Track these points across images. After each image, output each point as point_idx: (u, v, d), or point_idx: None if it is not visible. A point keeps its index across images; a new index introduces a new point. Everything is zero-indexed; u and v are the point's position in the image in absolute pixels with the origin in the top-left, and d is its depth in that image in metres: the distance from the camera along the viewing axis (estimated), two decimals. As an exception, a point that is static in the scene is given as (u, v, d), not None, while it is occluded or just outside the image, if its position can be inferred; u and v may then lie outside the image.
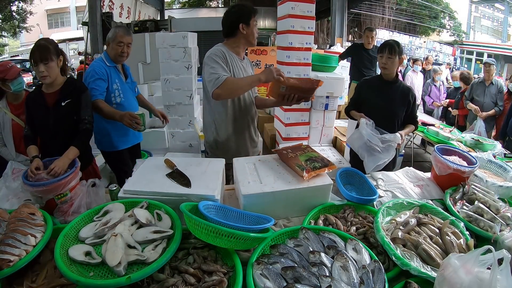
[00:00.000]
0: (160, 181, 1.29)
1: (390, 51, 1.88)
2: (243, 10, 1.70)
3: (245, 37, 1.72)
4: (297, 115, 3.07)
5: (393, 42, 1.92)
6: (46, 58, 1.53)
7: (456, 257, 0.87)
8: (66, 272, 0.86)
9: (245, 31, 1.69)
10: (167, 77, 2.89)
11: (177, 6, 17.97)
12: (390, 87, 1.99)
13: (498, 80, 3.95)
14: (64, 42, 17.70)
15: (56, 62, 1.59)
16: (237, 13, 1.70)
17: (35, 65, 1.54)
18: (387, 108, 1.98)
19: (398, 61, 1.91)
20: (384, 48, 1.90)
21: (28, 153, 1.55)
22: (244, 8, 1.71)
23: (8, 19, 14.31)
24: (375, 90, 2.02)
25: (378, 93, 2.00)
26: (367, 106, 2.02)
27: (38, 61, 1.53)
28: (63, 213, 1.27)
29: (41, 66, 1.53)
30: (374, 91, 2.02)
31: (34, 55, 1.53)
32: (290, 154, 1.48)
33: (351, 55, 4.25)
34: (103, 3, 6.57)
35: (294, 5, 2.71)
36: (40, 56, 1.53)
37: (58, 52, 1.62)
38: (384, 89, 2.00)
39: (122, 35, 1.97)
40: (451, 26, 18.99)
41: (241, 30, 1.69)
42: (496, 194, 1.43)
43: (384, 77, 2.00)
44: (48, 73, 1.56)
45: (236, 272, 0.93)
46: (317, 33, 15.39)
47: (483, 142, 2.66)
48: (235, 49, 1.77)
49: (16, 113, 1.95)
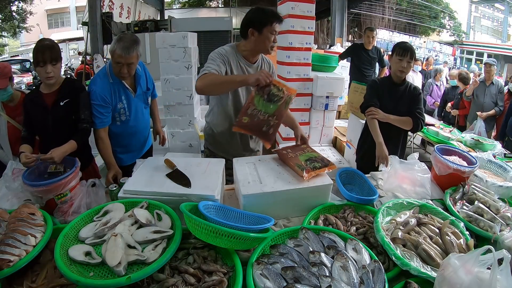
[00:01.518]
0: (160, 181, 1.29)
1: (412, 56, 1.87)
2: (257, 14, 1.57)
3: (254, 43, 1.60)
4: (297, 115, 3.06)
5: (412, 46, 1.92)
6: (56, 58, 1.52)
7: (456, 257, 0.87)
8: (66, 272, 0.86)
9: (255, 37, 1.57)
10: (167, 77, 2.89)
11: (177, 6, 17.96)
12: (399, 88, 2.01)
13: (499, 80, 3.96)
14: (64, 42, 17.70)
15: (61, 63, 1.59)
16: (251, 17, 1.59)
17: (42, 65, 1.50)
18: (395, 109, 1.99)
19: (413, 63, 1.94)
20: (406, 52, 1.86)
21: (19, 149, 1.53)
22: (260, 13, 1.57)
23: (8, 19, 14.31)
24: (385, 91, 2.03)
25: (387, 95, 2.02)
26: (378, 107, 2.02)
27: (47, 61, 1.50)
28: (63, 213, 1.27)
29: (49, 67, 1.51)
30: (384, 93, 2.03)
31: (43, 55, 1.49)
32: (290, 154, 1.48)
33: (351, 55, 4.25)
34: (103, 3, 6.57)
35: (294, 5, 2.72)
36: (51, 56, 1.51)
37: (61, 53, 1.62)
38: (393, 90, 2.02)
39: (119, 54, 1.64)
40: (451, 26, 18.99)
41: (250, 36, 1.58)
42: (496, 194, 1.43)
43: (395, 79, 2.01)
44: (55, 73, 1.56)
45: (236, 272, 0.93)
46: (317, 33, 15.37)
47: (483, 142, 2.66)
48: (244, 52, 1.67)
49: (12, 115, 1.91)
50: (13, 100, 1.92)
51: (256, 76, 1.39)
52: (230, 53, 1.64)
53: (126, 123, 1.89)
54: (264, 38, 1.56)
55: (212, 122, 1.83)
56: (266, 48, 1.60)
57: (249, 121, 1.38)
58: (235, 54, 1.65)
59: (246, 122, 1.37)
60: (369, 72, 4.13)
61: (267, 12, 1.57)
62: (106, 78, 1.77)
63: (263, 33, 1.55)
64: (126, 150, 1.97)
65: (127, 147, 1.98)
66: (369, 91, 2.10)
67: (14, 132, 1.91)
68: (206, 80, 1.47)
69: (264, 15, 1.55)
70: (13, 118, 1.91)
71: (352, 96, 3.26)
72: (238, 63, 1.66)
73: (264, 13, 1.56)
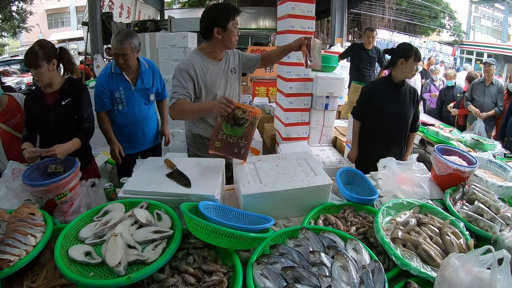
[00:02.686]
0: (160, 181, 1.29)
1: (420, 59, 1.98)
2: (219, 12, 1.55)
3: (221, 41, 1.59)
4: (297, 115, 3.07)
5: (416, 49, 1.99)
6: (34, 64, 1.55)
7: (456, 257, 0.87)
8: (66, 272, 0.86)
9: (221, 35, 1.56)
10: (167, 77, 2.89)
11: (177, 6, 17.94)
12: (399, 89, 2.04)
13: (498, 80, 3.95)
14: (64, 42, 17.68)
15: (46, 67, 1.58)
16: (213, 16, 1.56)
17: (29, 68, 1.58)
18: (398, 110, 2.03)
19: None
20: (420, 57, 1.98)
21: (21, 147, 1.54)
22: (221, 9, 1.56)
23: (8, 19, 14.30)
24: (384, 93, 2.05)
25: (387, 96, 2.04)
26: (377, 109, 2.06)
27: (30, 66, 1.57)
28: (63, 213, 1.27)
29: (32, 71, 1.57)
30: (383, 94, 2.05)
31: (26, 61, 1.57)
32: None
33: (351, 55, 4.25)
34: (103, 3, 6.56)
35: (294, 5, 2.71)
36: (28, 62, 1.56)
37: (50, 56, 1.59)
38: (393, 91, 2.04)
39: (115, 45, 1.87)
40: (451, 26, 18.97)
41: (216, 35, 1.56)
42: (496, 194, 1.43)
43: (394, 79, 2.04)
44: (39, 77, 1.58)
45: (236, 272, 0.93)
46: (317, 33, 15.38)
47: (483, 142, 2.66)
48: (211, 54, 1.66)
49: (3, 120, 1.86)
50: (1, 104, 1.88)
51: (217, 108, 1.37)
52: (195, 58, 1.62)
53: (124, 113, 2.06)
54: (229, 33, 1.57)
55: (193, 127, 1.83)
56: (232, 43, 1.61)
57: (220, 146, 1.44)
58: (200, 57, 1.64)
59: (218, 146, 1.44)
60: (369, 72, 4.13)
61: (227, 7, 1.57)
62: (109, 69, 2.00)
63: (228, 29, 1.55)
64: (124, 140, 2.13)
65: (125, 137, 2.13)
66: (361, 97, 2.16)
67: (6, 136, 1.87)
68: (177, 110, 1.53)
69: (225, 11, 1.55)
70: (3, 123, 1.86)
71: (352, 96, 3.27)
72: (211, 67, 1.66)
73: (224, 8, 1.56)
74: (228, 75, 1.75)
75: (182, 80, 1.57)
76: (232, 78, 1.77)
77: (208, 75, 1.64)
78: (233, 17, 1.55)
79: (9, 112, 1.88)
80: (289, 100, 2.97)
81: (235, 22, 1.57)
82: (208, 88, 1.65)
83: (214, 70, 1.67)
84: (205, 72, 1.63)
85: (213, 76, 1.67)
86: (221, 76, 1.71)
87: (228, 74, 1.74)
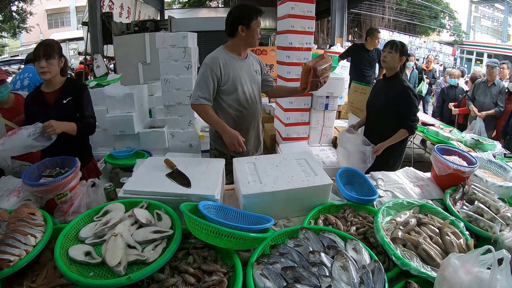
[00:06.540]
0: (160, 181, 1.29)
1: (392, 47, 2.05)
2: (244, 11, 1.69)
3: (244, 39, 1.73)
4: (297, 115, 3.06)
5: (397, 41, 2.09)
6: (49, 54, 1.58)
7: (456, 257, 0.87)
8: (66, 272, 0.86)
9: (245, 33, 1.70)
10: (167, 77, 2.88)
11: (177, 6, 17.93)
12: (388, 86, 2.10)
13: (500, 81, 3.96)
14: (64, 42, 17.64)
15: (57, 61, 1.63)
16: (238, 14, 1.70)
17: (37, 60, 1.57)
18: (379, 107, 2.11)
19: (399, 58, 2.03)
20: (387, 45, 2.09)
21: None
22: (246, 9, 1.70)
23: (8, 19, 14.27)
24: (376, 89, 2.14)
25: (376, 93, 2.12)
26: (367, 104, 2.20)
27: (41, 56, 1.57)
28: (63, 213, 1.27)
29: (43, 62, 1.57)
30: (374, 91, 2.13)
31: (37, 51, 1.57)
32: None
33: (351, 55, 4.24)
34: (103, 3, 6.55)
35: (294, 5, 2.71)
36: (44, 51, 1.57)
37: (61, 53, 1.66)
38: (383, 88, 2.12)
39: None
40: (451, 26, 18.97)
41: (240, 32, 1.70)
42: (496, 194, 1.43)
43: (386, 73, 2.13)
44: (49, 69, 1.59)
45: (236, 272, 0.94)
46: (317, 33, 15.37)
47: (483, 142, 2.66)
48: (236, 50, 1.80)
49: (9, 117, 1.89)
50: (8, 102, 1.93)
51: (229, 140, 1.66)
52: (220, 54, 1.75)
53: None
54: (252, 31, 1.71)
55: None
56: (255, 41, 1.75)
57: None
58: (224, 53, 1.77)
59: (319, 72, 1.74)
60: (369, 73, 4.12)
61: (251, 7, 1.70)
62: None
63: (251, 27, 1.69)
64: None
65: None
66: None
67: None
68: (199, 111, 1.75)
69: (249, 11, 1.69)
70: (10, 120, 1.88)
71: (352, 96, 3.26)
72: (236, 63, 1.78)
73: (249, 8, 1.70)
74: (253, 75, 1.87)
75: (207, 80, 1.70)
76: (257, 79, 1.91)
77: (232, 69, 1.76)
78: (256, 16, 1.70)
79: (15, 110, 1.91)
80: (289, 100, 2.97)
81: (258, 22, 1.71)
82: (231, 80, 1.76)
83: (237, 65, 1.79)
84: (229, 65, 1.75)
85: (236, 69, 1.78)
86: (245, 72, 1.81)
87: (252, 73, 1.87)
